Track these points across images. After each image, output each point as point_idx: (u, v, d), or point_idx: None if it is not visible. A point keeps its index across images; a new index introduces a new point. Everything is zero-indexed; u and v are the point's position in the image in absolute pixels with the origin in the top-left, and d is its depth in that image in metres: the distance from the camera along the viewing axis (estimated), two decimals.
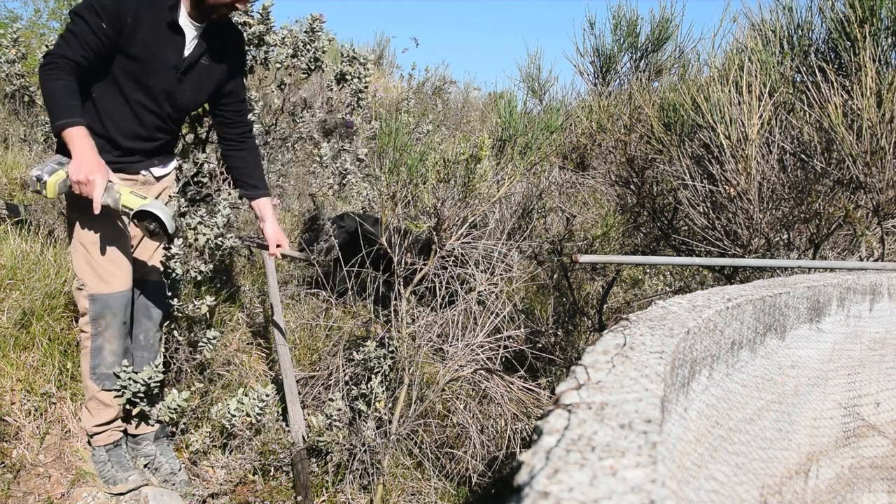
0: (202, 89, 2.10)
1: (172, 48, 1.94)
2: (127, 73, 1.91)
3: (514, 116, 2.64)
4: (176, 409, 2.07)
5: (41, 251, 2.94)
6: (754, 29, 2.69)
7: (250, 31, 3.00)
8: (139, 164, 2.06)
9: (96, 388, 2.02)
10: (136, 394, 2.00)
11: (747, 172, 2.32)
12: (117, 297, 1.97)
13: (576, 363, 0.79)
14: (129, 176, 2.04)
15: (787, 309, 1.34)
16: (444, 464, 2.48)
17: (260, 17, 3.03)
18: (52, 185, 1.76)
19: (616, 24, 4.33)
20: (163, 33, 1.90)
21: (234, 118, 2.23)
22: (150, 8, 1.85)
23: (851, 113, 2.20)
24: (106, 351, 2.00)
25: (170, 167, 2.20)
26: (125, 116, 1.96)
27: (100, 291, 1.95)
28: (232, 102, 2.21)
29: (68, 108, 1.74)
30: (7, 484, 2.04)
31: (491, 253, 2.61)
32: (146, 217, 1.80)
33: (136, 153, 2.04)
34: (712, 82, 2.43)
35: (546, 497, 0.48)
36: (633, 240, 3.38)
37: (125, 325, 2.02)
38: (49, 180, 1.75)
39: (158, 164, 2.13)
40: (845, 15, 2.36)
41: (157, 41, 1.89)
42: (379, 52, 8.97)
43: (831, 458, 1.52)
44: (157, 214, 1.79)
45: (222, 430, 2.38)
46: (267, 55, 3.11)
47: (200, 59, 2.02)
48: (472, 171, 2.41)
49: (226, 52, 2.09)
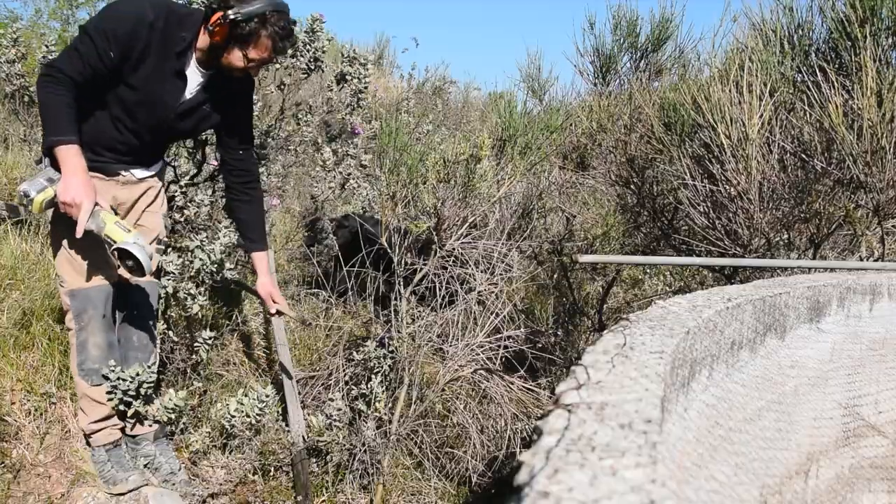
0: (198, 129, 2.08)
1: (172, 91, 1.91)
2: (120, 100, 1.88)
3: (514, 116, 2.64)
4: (173, 408, 2.07)
5: (41, 251, 2.94)
6: (755, 29, 2.69)
7: None
8: (118, 167, 2.02)
9: (85, 384, 2.03)
10: (126, 392, 1.99)
11: (747, 172, 2.32)
12: (97, 291, 1.96)
13: (576, 363, 0.79)
14: (106, 177, 2.00)
15: (787, 309, 1.34)
16: (444, 464, 2.48)
17: None
18: (39, 202, 1.76)
19: (616, 24, 4.33)
20: (167, 76, 1.86)
21: (238, 165, 2.17)
22: (160, 47, 1.81)
23: (852, 112, 2.20)
24: (90, 344, 1.99)
25: (154, 168, 2.14)
26: (107, 132, 1.92)
27: (79, 286, 1.95)
28: (235, 149, 2.14)
29: (64, 126, 1.72)
30: (7, 484, 2.04)
31: (491, 253, 2.61)
32: (125, 254, 1.79)
33: (115, 162, 2.01)
34: (713, 82, 2.43)
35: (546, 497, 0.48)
36: (634, 240, 3.38)
37: (106, 318, 2.00)
38: (36, 198, 1.75)
39: (141, 167, 2.09)
40: (846, 15, 2.36)
41: (158, 81, 1.86)
42: (379, 52, 8.97)
43: (831, 458, 1.52)
44: (135, 255, 1.78)
45: (222, 430, 2.38)
46: None
47: (202, 105, 1.99)
48: (472, 171, 2.41)
49: (232, 99, 2.05)
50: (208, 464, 2.33)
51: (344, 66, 3.52)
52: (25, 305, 2.56)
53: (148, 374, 2.01)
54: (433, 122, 5.77)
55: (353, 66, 3.52)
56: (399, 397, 2.40)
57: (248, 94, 2.12)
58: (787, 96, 2.47)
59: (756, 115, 2.28)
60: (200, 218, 2.75)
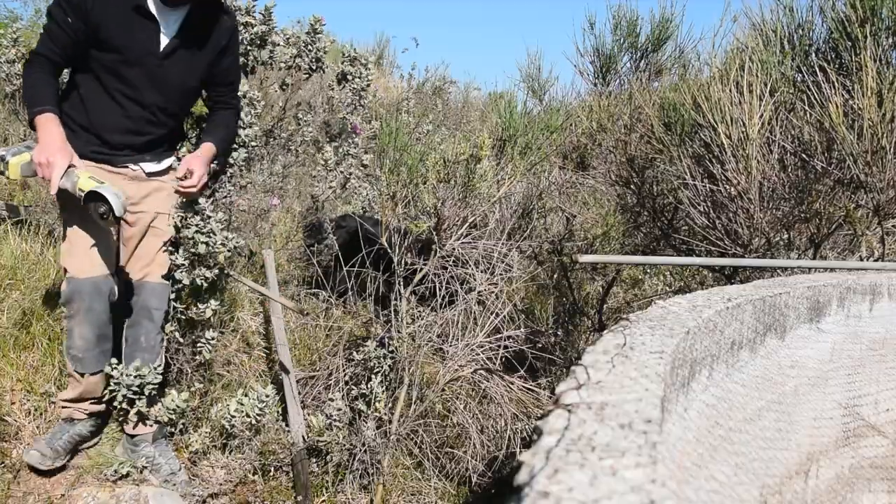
0: (190, 76, 2.05)
1: (146, 34, 1.90)
2: (104, 66, 1.89)
3: (514, 116, 2.64)
4: (175, 409, 2.07)
5: (41, 251, 2.94)
6: (755, 29, 2.69)
7: (253, 31, 3.01)
8: (126, 158, 2.03)
9: (70, 366, 2.06)
10: (129, 387, 2.00)
11: (748, 172, 2.32)
12: (89, 284, 1.96)
13: (576, 363, 0.79)
14: (114, 168, 2.01)
15: (787, 309, 1.34)
16: (444, 464, 2.48)
17: (262, 17, 3.04)
18: (15, 165, 1.78)
19: (616, 23, 4.33)
20: (133, 19, 1.86)
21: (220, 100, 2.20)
22: None
23: (852, 112, 2.20)
24: (75, 334, 1.99)
25: (164, 164, 2.13)
26: (110, 109, 1.94)
27: (72, 275, 1.96)
28: (219, 86, 2.17)
29: (40, 98, 1.77)
30: (7, 484, 2.04)
31: (491, 253, 2.61)
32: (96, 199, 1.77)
33: (125, 147, 2.01)
34: (713, 81, 2.43)
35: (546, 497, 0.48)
36: (634, 240, 3.38)
37: (94, 312, 1.98)
38: (11, 161, 1.77)
39: (151, 159, 2.09)
40: (846, 15, 2.36)
41: (127, 28, 1.86)
42: (379, 52, 8.97)
43: (831, 458, 1.52)
44: (106, 196, 1.75)
45: (222, 430, 2.38)
46: (272, 55, 3.12)
47: (184, 46, 1.97)
48: (472, 171, 2.41)
49: (216, 37, 2.04)
50: (208, 464, 2.33)
51: (345, 65, 3.56)
52: (25, 305, 2.56)
53: (153, 374, 2.01)
54: (433, 122, 5.76)
55: (354, 65, 3.56)
56: (399, 397, 2.40)
57: (231, 32, 2.11)
58: (788, 96, 2.48)
59: (756, 115, 2.28)
60: None
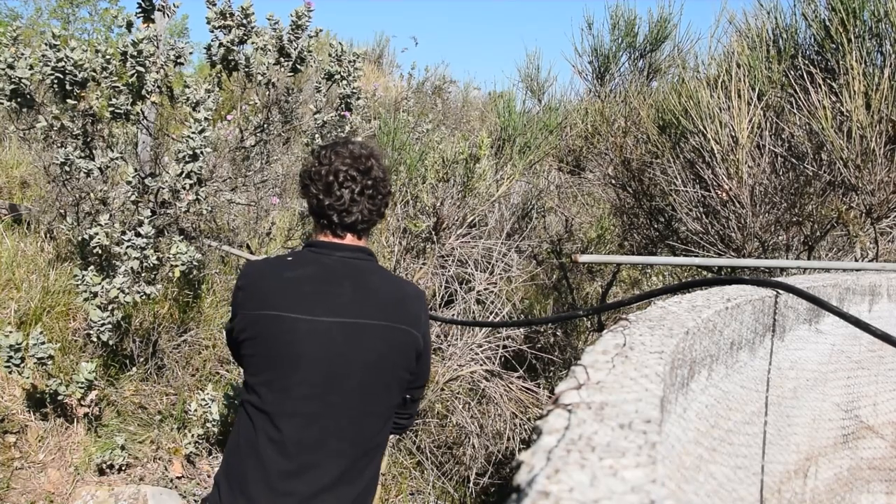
0: None
1: None
2: None
3: (513, 116, 2.65)
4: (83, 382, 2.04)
5: (41, 251, 2.94)
6: (740, 34, 2.69)
7: (231, 35, 2.83)
8: None
9: None
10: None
11: (738, 177, 2.32)
12: None
13: (575, 363, 0.79)
14: None
15: (786, 309, 1.34)
16: (444, 464, 2.48)
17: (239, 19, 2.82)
18: None
19: (614, 24, 4.33)
20: None
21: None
22: None
23: (840, 115, 2.20)
24: None
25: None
26: None
27: None
28: None
29: None
30: (7, 482, 2.04)
31: (490, 252, 2.61)
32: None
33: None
34: (701, 87, 2.43)
35: (546, 497, 0.48)
36: (631, 241, 3.38)
37: None
38: None
39: None
40: (828, 18, 2.36)
41: None
42: (379, 51, 8.97)
43: (830, 459, 1.52)
44: None
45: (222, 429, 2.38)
46: (248, 68, 2.90)
47: None
48: (472, 171, 2.42)
49: None
50: (207, 463, 2.33)
51: (332, 65, 3.13)
52: (25, 305, 2.56)
53: None
54: (432, 122, 5.77)
55: (341, 65, 3.10)
56: None
57: None
58: (776, 100, 2.48)
59: (745, 119, 2.28)
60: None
